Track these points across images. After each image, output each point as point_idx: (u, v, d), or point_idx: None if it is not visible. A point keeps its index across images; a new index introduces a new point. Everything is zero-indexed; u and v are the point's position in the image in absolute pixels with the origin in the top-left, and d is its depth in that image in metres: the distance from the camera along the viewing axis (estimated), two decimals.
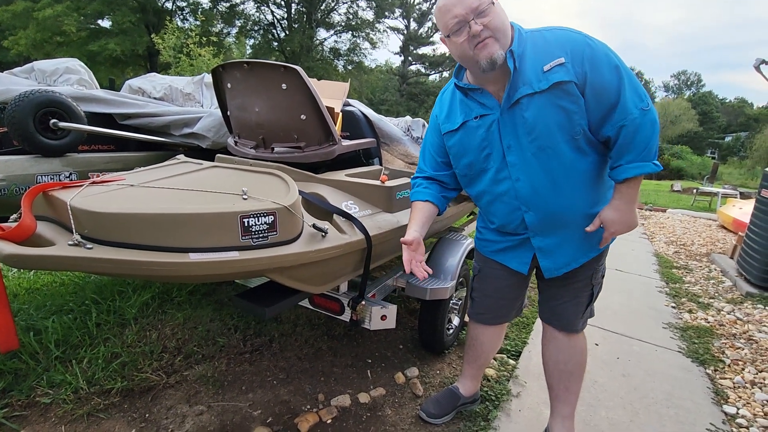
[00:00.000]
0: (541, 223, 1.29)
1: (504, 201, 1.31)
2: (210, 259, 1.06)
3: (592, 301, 1.44)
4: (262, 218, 1.15)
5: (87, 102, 1.95)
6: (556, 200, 1.24)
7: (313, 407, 1.75)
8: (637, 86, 1.16)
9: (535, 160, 1.20)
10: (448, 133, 1.35)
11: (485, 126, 1.25)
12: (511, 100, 1.18)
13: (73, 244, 0.93)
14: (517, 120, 1.19)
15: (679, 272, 4.04)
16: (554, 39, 1.16)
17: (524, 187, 1.25)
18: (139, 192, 1.08)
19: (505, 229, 1.38)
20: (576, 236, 1.30)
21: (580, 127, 1.16)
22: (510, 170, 1.25)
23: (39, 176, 1.62)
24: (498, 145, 1.25)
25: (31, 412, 1.56)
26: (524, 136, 1.19)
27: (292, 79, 1.43)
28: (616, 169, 1.19)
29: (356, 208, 1.52)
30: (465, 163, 1.35)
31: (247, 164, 1.50)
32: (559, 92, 1.13)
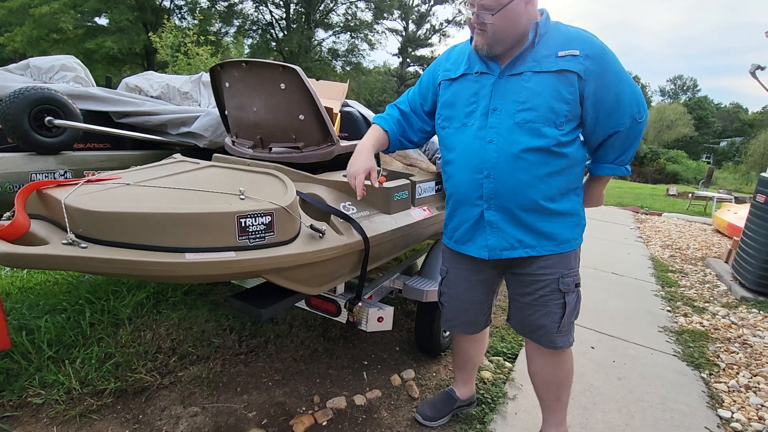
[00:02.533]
0: (497, 193, 1.27)
1: (470, 161, 1.29)
2: (206, 260, 1.05)
3: (567, 314, 1.34)
4: (260, 219, 1.14)
5: (83, 99, 1.93)
6: (518, 175, 1.24)
7: (309, 409, 1.74)
8: (639, 96, 1.24)
9: (514, 130, 1.23)
10: (446, 81, 1.38)
11: (480, 84, 1.29)
12: (512, 71, 1.23)
13: (68, 243, 0.92)
14: (514, 88, 1.23)
15: (674, 276, 4.05)
16: (576, 35, 1.22)
17: (494, 151, 1.25)
18: (134, 191, 1.07)
19: (463, 201, 1.35)
20: (526, 221, 1.28)
21: (564, 117, 1.21)
22: (487, 131, 1.26)
23: (33, 174, 1.60)
24: (485, 105, 1.27)
25: (23, 413, 1.54)
26: (514, 104, 1.23)
27: (291, 79, 1.43)
28: (594, 164, 1.38)
29: (354, 209, 1.52)
30: (448, 114, 1.37)
31: (244, 164, 1.49)
32: (563, 78, 1.18)
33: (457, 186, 1.37)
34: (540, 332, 1.38)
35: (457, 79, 1.35)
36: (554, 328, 1.35)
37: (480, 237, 1.35)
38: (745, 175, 25.39)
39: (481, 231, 1.35)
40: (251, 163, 1.49)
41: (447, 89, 1.38)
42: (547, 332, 1.37)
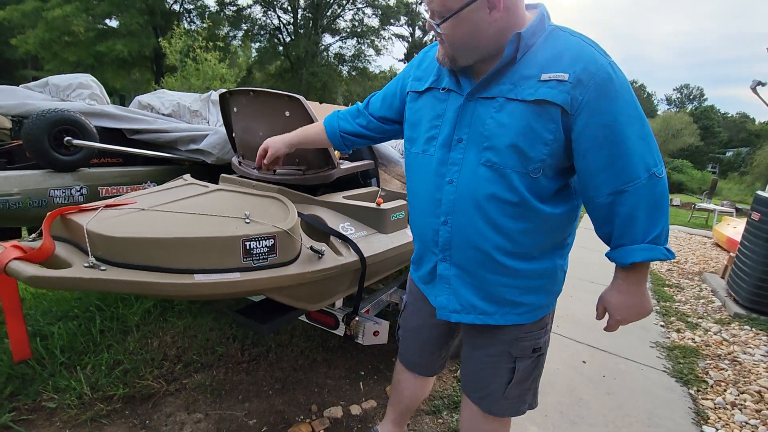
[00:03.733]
0: (453, 245, 1.05)
1: (427, 201, 1.09)
2: (213, 281, 1.14)
3: (514, 382, 1.13)
4: (263, 241, 1.23)
5: (99, 117, 2.04)
6: (478, 227, 1.00)
7: (307, 417, 1.82)
8: (652, 143, 0.92)
9: (479, 171, 0.98)
10: (413, 93, 1.14)
11: (446, 104, 1.04)
12: (484, 93, 0.97)
13: (89, 266, 1.01)
14: (482, 117, 0.97)
15: (670, 291, 4.11)
16: (572, 48, 0.91)
17: (452, 194, 1.02)
18: (149, 216, 1.16)
19: (422, 244, 1.17)
20: (484, 283, 1.06)
21: (541, 164, 0.93)
22: (448, 168, 1.02)
23: (51, 190, 1.70)
24: (447, 133, 1.02)
25: (38, 416, 1.63)
26: (481, 138, 0.97)
27: (295, 107, 1.52)
28: (619, 249, 0.97)
29: (352, 230, 1.60)
30: (410, 135, 1.15)
31: (250, 185, 1.58)
32: (541, 111, 0.90)
33: (415, 226, 1.19)
34: (480, 393, 1.18)
35: (423, 93, 1.10)
36: (498, 393, 1.15)
37: (434, 288, 1.15)
38: (751, 186, 25.29)
39: (435, 282, 1.14)
40: (256, 185, 1.58)
41: (413, 102, 1.14)
42: (488, 394, 1.16)
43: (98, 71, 24.79)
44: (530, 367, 1.14)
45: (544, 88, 0.90)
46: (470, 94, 0.99)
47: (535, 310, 1.09)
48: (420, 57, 1.20)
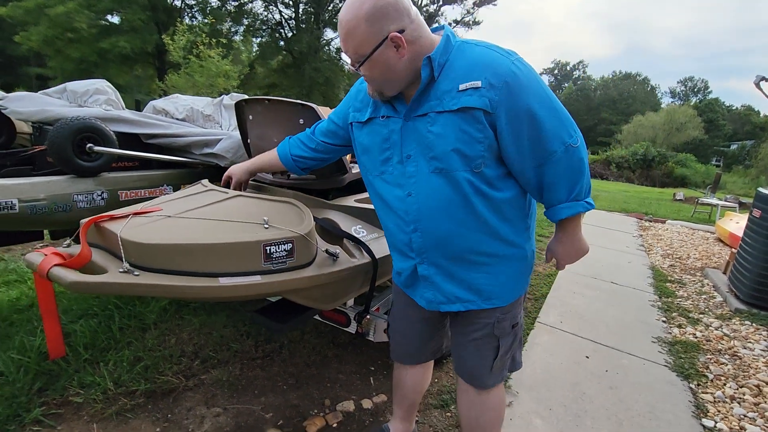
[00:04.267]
0: (426, 247, 1.20)
1: (395, 215, 1.23)
2: (236, 283, 1.21)
3: (499, 356, 1.30)
4: (282, 246, 1.29)
5: (116, 122, 2.10)
6: (444, 227, 1.14)
7: (320, 411, 1.90)
8: (565, 119, 1.07)
9: (431, 179, 1.12)
10: (357, 123, 1.28)
11: (389, 128, 1.18)
12: (417, 112, 1.11)
13: (123, 271, 1.08)
14: (421, 132, 1.11)
15: (672, 286, 4.16)
16: (479, 58, 1.05)
17: (414, 204, 1.16)
18: (175, 223, 1.23)
19: (398, 252, 1.31)
20: (460, 276, 1.20)
21: (481, 159, 1.07)
22: (406, 181, 1.16)
23: (75, 195, 1.77)
24: (398, 152, 1.17)
25: (66, 411, 1.72)
26: (426, 151, 1.11)
27: (309, 115, 1.58)
28: (550, 210, 1.16)
29: (364, 232, 1.67)
30: (365, 162, 1.29)
31: (266, 190, 1.65)
32: (467, 116, 1.04)
33: (389, 236, 1.33)
34: (471, 371, 1.34)
35: (366, 123, 1.24)
36: (486, 368, 1.31)
37: (418, 288, 1.30)
38: (755, 180, 25.18)
39: (418, 282, 1.29)
40: (273, 190, 1.65)
41: (360, 131, 1.28)
42: (478, 372, 1.33)
43: (102, 68, 24.84)
44: (510, 340, 1.32)
45: (464, 96, 1.04)
46: (406, 116, 1.13)
47: (511, 291, 1.25)
48: (356, 89, 1.33)
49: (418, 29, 1.06)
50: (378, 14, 1.00)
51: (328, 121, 1.46)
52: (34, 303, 2.47)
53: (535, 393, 2.19)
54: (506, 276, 1.22)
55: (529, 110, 1.03)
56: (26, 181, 1.65)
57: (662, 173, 27.50)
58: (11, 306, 2.39)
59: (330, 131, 1.44)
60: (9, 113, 2.10)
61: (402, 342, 1.51)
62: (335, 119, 1.42)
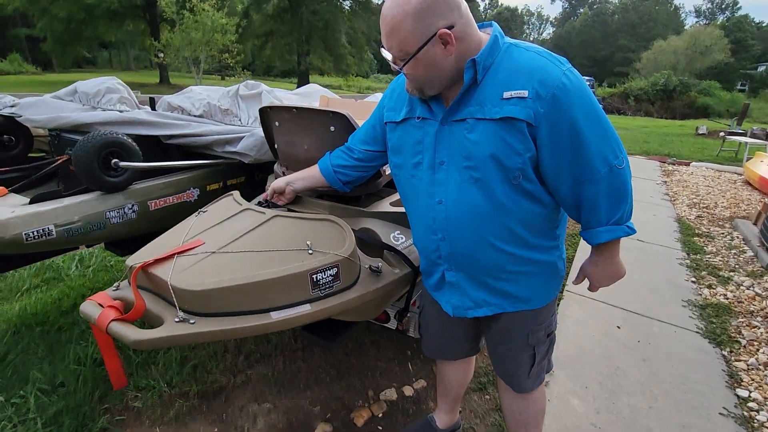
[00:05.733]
0: (454, 255, 1.17)
1: (423, 221, 1.20)
2: (288, 316, 1.21)
3: (536, 363, 1.31)
4: (328, 271, 1.27)
5: (134, 125, 2.03)
6: (473, 237, 1.11)
7: (365, 402, 1.98)
8: (611, 137, 1.01)
9: (464, 188, 1.07)
10: (391, 123, 1.24)
11: (423, 131, 1.12)
12: (455, 116, 1.05)
13: (179, 320, 1.08)
14: (458, 138, 1.05)
15: (700, 241, 4.10)
16: (528, 64, 0.98)
17: (444, 212, 1.12)
18: (220, 261, 1.20)
19: (426, 257, 1.29)
20: (489, 283, 1.18)
21: (520, 171, 1.02)
22: (436, 189, 1.11)
23: (107, 212, 1.75)
24: (430, 157, 1.11)
25: (128, 416, 1.82)
26: (460, 158, 1.06)
27: (340, 123, 1.49)
28: (587, 231, 1.11)
29: (402, 238, 1.64)
30: (396, 162, 1.25)
31: (299, 200, 1.61)
32: (509, 127, 0.98)
33: (417, 242, 1.31)
34: (510, 378, 1.36)
35: (400, 123, 1.19)
36: (524, 375, 1.32)
37: (445, 293, 1.28)
38: None
39: (445, 287, 1.27)
40: (306, 200, 1.60)
41: (393, 132, 1.24)
42: (516, 378, 1.34)
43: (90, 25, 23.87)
44: (545, 348, 1.32)
45: (508, 105, 0.97)
46: (443, 119, 1.08)
47: (542, 296, 1.22)
48: (391, 88, 1.29)
49: (467, 26, 0.99)
50: (428, 9, 0.93)
51: (365, 126, 1.41)
52: (76, 303, 2.55)
53: (570, 370, 2.25)
54: (537, 285, 1.20)
55: (573, 124, 0.96)
56: (59, 205, 1.63)
57: (683, 104, 26.29)
58: (56, 309, 2.48)
59: (369, 136, 1.38)
60: (24, 121, 2.04)
61: (434, 341, 1.52)
62: (372, 122, 1.37)
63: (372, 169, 1.46)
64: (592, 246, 1.16)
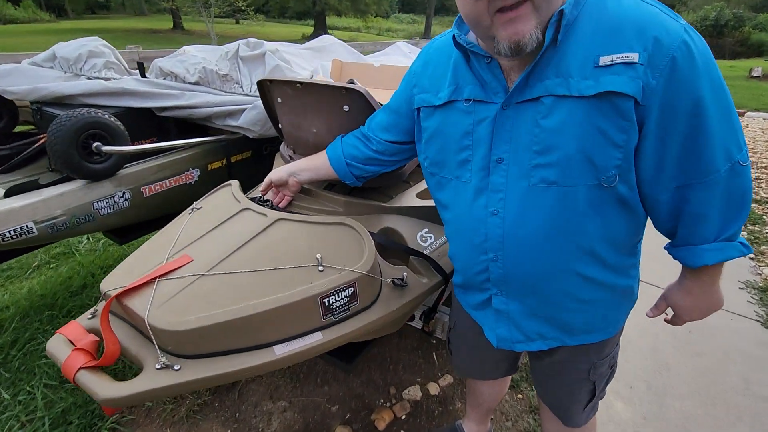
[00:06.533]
0: (510, 281, 0.91)
1: (469, 236, 0.92)
2: (295, 351, 1.01)
3: (595, 397, 1.11)
4: (342, 293, 1.05)
5: (121, 96, 1.77)
6: (540, 262, 0.85)
7: (386, 401, 1.84)
8: (737, 124, 0.74)
9: (531, 195, 0.80)
10: (426, 108, 0.94)
11: (475, 117, 0.83)
12: (524, 95, 0.76)
13: (161, 367, 0.89)
14: (527, 126, 0.77)
15: (759, 209, 3.69)
16: (633, 15, 0.69)
17: (500, 227, 0.85)
18: (211, 285, 0.99)
19: (466, 278, 1.02)
20: (553, 311, 0.93)
21: (616, 171, 0.74)
22: (490, 196, 0.84)
23: (94, 203, 1.55)
24: (484, 153, 0.83)
25: (137, 414, 1.73)
26: (528, 154, 0.78)
27: (356, 101, 1.20)
28: (686, 249, 0.83)
29: (431, 237, 1.38)
30: (434, 158, 0.95)
31: (309, 192, 1.36)
32: (608, 107, 0.70)
33: (456, 259, 1.04)
34: (560, 411, 1.16)
35: (440, 108, 0.90)
36: (578, 410, 1.12)
37: (488, 319, 1.03)
38: None
39: (489, 312, 1.01)
40: (316, 192, 1.35)
41: (429, 119, 0.94)
42: (568, 413, 1.15)
43: None
44: (605, 380, 1.10)
45: (608, 75, 0.69)
46: (507, 101, 0.78)
47: (609, 328, 0.98)
48: (423, 60, 0.97)
49: None
50: None
51: (386, 110, 1.12)
52: (86, 283, 2.45)
53: None
54: (607, 314, 0.95)
55: (698, 104, 0.69)
56: (38, 198, 1.43)
57: (735, 41, 23.87)
58: (65, 289, 2.38)
59: (391, 123, 1.09)
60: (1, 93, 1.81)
61: (467, 362, 1.31)
62: (394, 106, 1.08)
63: (394, 165, 1.18)
64: (686, 268, 0.88)
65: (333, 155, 1.19)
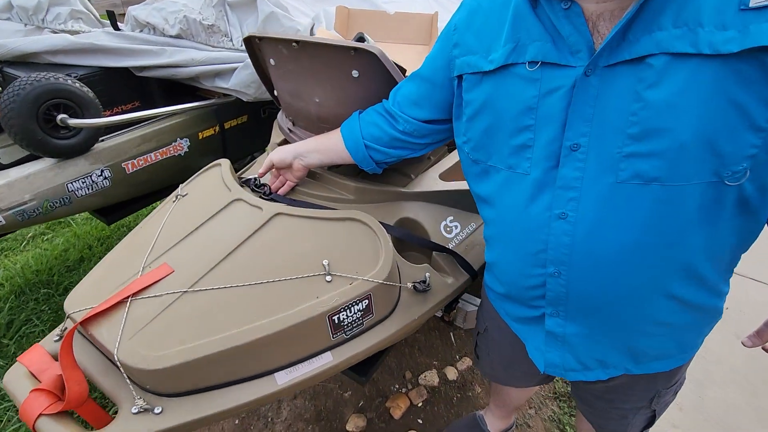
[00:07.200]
0: (575, 302, 0.71)
1: (521, 241, 0.71)
2: (300, 377, 0.85)
3: (653, 424, 0.97)
4: (355, 307, 0.88)
5: (92, 54, 1.51)
6: (624, 279, 0.64)
7: (402, 387, 1.73)
8: None
9: (618, 195, 0.59)
10: (472, 76, 0.70)
11: (543, 87, 0.61)
12: (623, 54, 0.54)
13: (138, 411, 0.73)
14: (620, 100, 0.55)
15: None
16: None
17: (570, 234, 0.64)
18: (196, 305, 0.81)
19: (512, 286, 0.81)
20: (624, 336, 0.73)
21: (749, 163, 0.53)
22: (558, 194, 0.63)
23: (68, 184, 1.35)
24: (552, 136, 0.62)
25: None
26: (619, 139, 0.57)
27: (368, 65, 0.94)
28: None
29: (457, 227, 1.18)
30: (479, 141, 0.73)
31: (315, 175, 1.15)
32: (756, 73, 0.48)
33: (502, 269, 0.82)
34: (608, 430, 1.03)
35: (492, 74, 0.67)
36: None
37: (536, 339, 0.83)
38: None
39: (538, 333, 0.82)
40: (322, 176, 1.14)
41: (475, 89, 0.70)
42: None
43: None
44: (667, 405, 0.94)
45: (763, 22, 0.46)
46: (593, 63, 0.55)
47: (685, 353, 0.80)
48: (468, 11, 0.72)
49: None
50: None
51: (415, 79, 0.86)
52: (83, 256, 2.32)
53: None
54: (689, 338, 0.77)
55: None
56: (2, 182, 1.23)
57: None
58: (61, 263, 2.26)
59: (421, 97, 0.85)
60: None
61: (497, 370, 1.15)
62: (427, 74, 0.83)
63: (425, 148, 0.95)
64: None
65: (349, 135, 0.96)
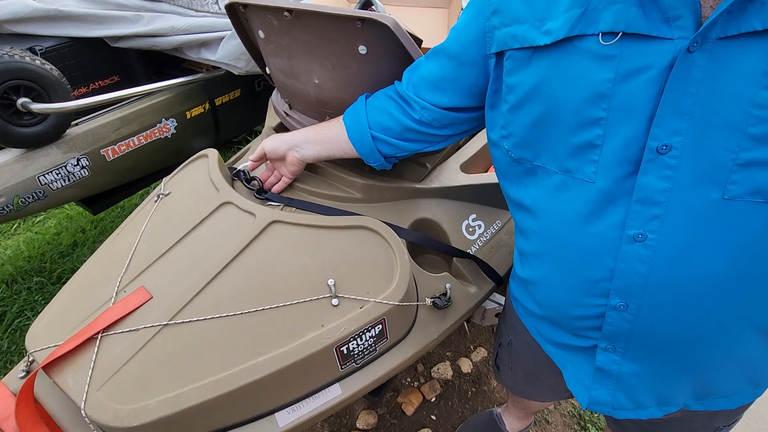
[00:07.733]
0: (639, 337, 0.57)
1: (576, 265, 0.57)
2: (305, 417, 0.74)
3: None
4: (366, 334, 0.75)
5: (57, 22, 1.31)
6: (713, 314, 0.52)
7: (414, 380, 1.65)
8: None
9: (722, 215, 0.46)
10: (521, 51, 0.54)
11: (622, 67, 0.46)
12: (745, 25, 0.39)
13: None
14: (739, 86, 0.41)
15: None
16: None
17: (647, 262, 0.51)
18: (179, 340, 0.69)
19: (557, 314, 0.66)
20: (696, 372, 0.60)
21: None
22: (635, 210, 0.49)
23: (40, 177, 1.20)
24: (633, 134, 0.47)
25: None
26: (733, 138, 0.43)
27: (379, 40, 0.76)
28: None
29: (481, 227, 1.03)
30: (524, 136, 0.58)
31: (317, 169, 0.99)
32: None
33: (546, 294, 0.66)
34: None
35: (548, 49, 0.51)
36: None
37: (580, 371, 0.70)
38: None
39: (582, 363, 0.68)
40: (325, 170, 0.98)
41: (522, 71, 0.54)
42: None
43: None
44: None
45: None
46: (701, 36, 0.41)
47: (757, 388, 0.66)
48: None
49: None
50: None
51: (437, 57, 0.70)
52: (76, 241, 2.20)
53: None
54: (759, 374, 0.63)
55: None
56: None
57: None
58: (54, 248, 2.15)
59: (444, 79, 0.69)
60: None
61: (519, 384, 1.02)
62: (453, 50, 0.66)
63: (444, 141, 0.79)
64: None
65: (353, 124, 0.80)
